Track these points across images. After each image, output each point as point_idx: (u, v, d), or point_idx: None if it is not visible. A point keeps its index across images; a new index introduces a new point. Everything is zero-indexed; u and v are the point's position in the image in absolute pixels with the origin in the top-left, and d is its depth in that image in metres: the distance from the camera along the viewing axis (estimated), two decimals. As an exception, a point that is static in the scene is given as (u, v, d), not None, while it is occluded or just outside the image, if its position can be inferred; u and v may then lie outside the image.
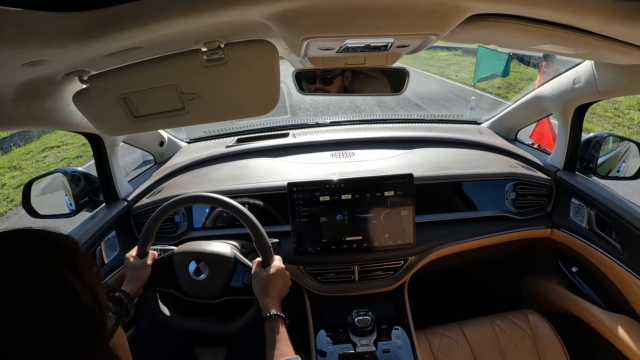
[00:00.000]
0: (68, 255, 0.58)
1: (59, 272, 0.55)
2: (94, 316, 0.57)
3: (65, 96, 1.23)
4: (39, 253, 0.56)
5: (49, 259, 0.56)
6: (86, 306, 0.56)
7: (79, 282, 0.56)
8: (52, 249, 0.58)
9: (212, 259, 1.41)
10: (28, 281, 0.52)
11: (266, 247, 1.36)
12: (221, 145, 2.26)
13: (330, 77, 1.59)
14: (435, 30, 0.85)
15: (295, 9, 0.74)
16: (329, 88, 1.62)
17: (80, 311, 0.55)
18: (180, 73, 1.01)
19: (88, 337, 0.55)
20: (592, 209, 1.68)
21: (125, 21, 0.67)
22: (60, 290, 0.54)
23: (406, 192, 1.67)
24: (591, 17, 0.76)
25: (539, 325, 1.75)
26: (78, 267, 0.58)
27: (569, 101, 1.72)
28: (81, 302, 0.55)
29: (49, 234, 0.60)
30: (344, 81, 1.61)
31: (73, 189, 1.77)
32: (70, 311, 0.54)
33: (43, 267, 0.54)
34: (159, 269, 1.44)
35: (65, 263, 0.57)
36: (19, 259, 0.54)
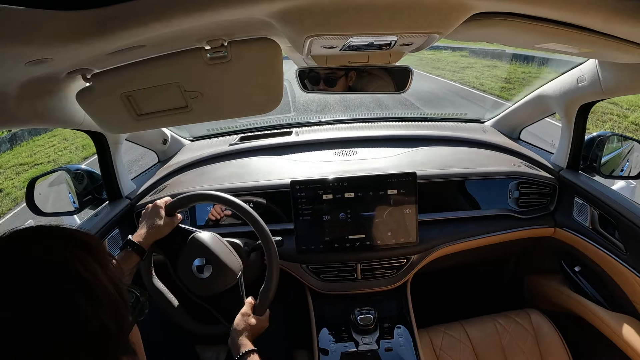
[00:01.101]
0: (94, 250, 0.60)
1: (88, 267, 0.57)
2: (119, 308, 0.59)
3: (68, 94, 1.24)
4: (68, 249, 0.58)
5: (78, 254, 0.58)
6: (113, 298, 0.58)
7: (105, 275, 0.59)
8: (80, 245, 0.59)
9: (219, 268, 1.39)
10: (59, 275, 0.54)
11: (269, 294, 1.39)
12: (224, 144, 2.26)
13: (333, 77, 1.59)
14: (438, 28, 0.85)
15: (298, 7, 0.74)
16: (334, 86, 1.62)
17: (108, 303, 0.57)
18: (183, 71, 1.01)
19: (114, 326, 0.57)
20: (596, 208, 1.68)
21: (128, 19, 0.67)
22: (90, 283, 0.56)
23: (409, 190, 1.67)
24: (594, 16, 0.76)
25: (541, 325, 1.74)
26: (103, 261, 0.60)
27: (572, 100, 1.72)
28: (109, 294, 0.58)
29: (75, 231, 0.62)
30: (347, 82, 1.61)
31: (76, 187, 1.77)
32: (100, 303, 0.56)
33: (73, 262, 0.56)
34: (173, 237, 1.44)
35: (92, 258, 0.59)
36: (49, 255, 0.55)
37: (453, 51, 22.33)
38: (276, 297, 1.41)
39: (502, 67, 16.42)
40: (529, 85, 10.35)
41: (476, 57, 19.93)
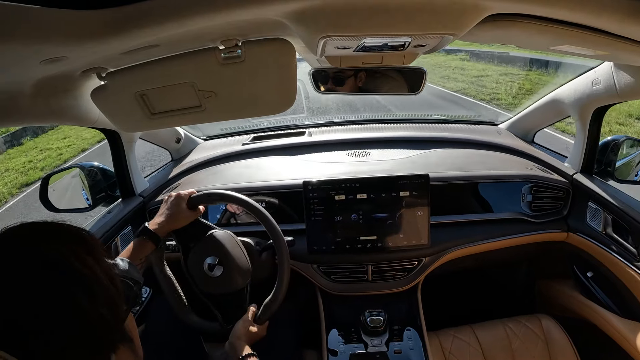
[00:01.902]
0: (88, 244, 0.62)
1: (82, 259, 0.58)
2: (114, 298, 0.61)
3: (83, 92, 1.25)
4: (64, 244, 0.59)
5: (73, 249, 0.59)
6: (107, 289, 0.60)
7: (99, 267, 0.60)
8: (75, 240, 0.61)
9: (230, 269, 1.40)
10: (56, 271, 0.55)
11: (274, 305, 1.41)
12: (237, 143, 2.27)
13: (347, 78, 1.59)
14: (452, 29, 0.85)
15: (312, 8, 0.74)
16: (347, 87, 1.62)
17: (103, 293, 0.59)
18: (197, 71, 1.02)
19: (111, 317, 0.59)
20: (609, 213, 1.66)
21: (143, 19, 0.68)
22: (85, 275, 0.57)
23: (422, 192, 1.67)
24: (610, 18, 0.76)
25: (552, 330, 1.73)
26: (97, 254, 0.62)
27: (587, 103, 1.70)
28: (103, 285, 0.59)
29: (68, 226, 0.63)
30: (360, 82, 1.61)
31: (90, 184, 1.79)
32: (95, 294, 0.57)
33: (69, 257, 0.57)
34: (191, 229, 1.44)
35: (86, 252, 0.60)
36: (45, 249, 0.57)
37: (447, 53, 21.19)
38: (287, 297, 1.41)
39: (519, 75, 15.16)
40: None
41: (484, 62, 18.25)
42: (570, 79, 1.80)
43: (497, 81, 14.25)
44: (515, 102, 11.24)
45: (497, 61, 17.37)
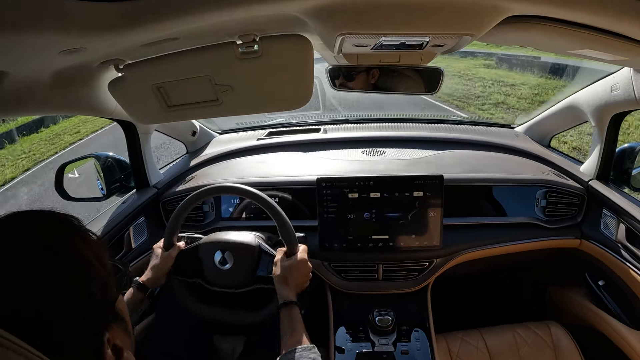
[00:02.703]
0: (77, 228, 0.65)
1: (73, 243, 0.61)
2: (104, 278, 0.63)
3: (101, 84, 1.27)
4: (54, 228, 0.62)
5: (63, 232, 0.62)
6: (97, 270, 0.62)
7: (89, 250, 0.62)
8: (63, 224, 0.64)
9: (237, 248, 1.42)
10: (47, 253, 0.57)
11: (291, 236, 1.37)
12: (253, 138, 2.28)
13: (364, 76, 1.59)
14: (471, 30, 0.85)
15: (331, 5, 0.74)
16: (364, 85, 1.63)
17: (93, 275, 0.61)
18: (214, 65, 1.03)
19: (102, 296, 0.61)
20: (624, 221, 1.64)
21: (162, 12, 0.69)
22: (75, 258, 0.60)
23: (435, 193, 1.66)
24: (632, 22, 0.75)
25: (561, 338, 1.71)
26: (86, 238, 0.64)
27: (605, 109, 1.68)
28: (93, 267, 0.61)
29: (57, 213, 0.66)
30: (378, 81, 1.61)
31: (105, 174, 1.81)
32: (86, 276, 0.60)
33: (59, 240, 0.60)
34: (186, 258, 1.46)
35: (76, 235, 0.63)
36: (37, 234, 0.59)
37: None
38: None
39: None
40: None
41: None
42: (589, 84, 1.78)
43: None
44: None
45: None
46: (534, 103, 11.64)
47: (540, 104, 11.07)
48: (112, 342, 0.63)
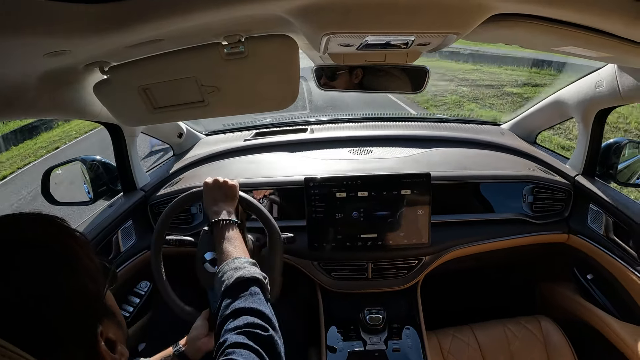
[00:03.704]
0: (66, 228, 0.67)
1: (64, 241, 0.63)
2: (93, 273, 0.65)
3: (86, 86, 1.25)
4: (45, 227, 0.64)
5: (53, 231, 0.64)
6: (88, 266, 0.64)
7: (78, 247, 0.65)
8: (54, 225, 0.65)
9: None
10: (42, 251, 0.60)
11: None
12: (239, 139, 2.27)
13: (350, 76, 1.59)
14: (456, 28, 0.85)
15: (316, 5, 0.74)
16: (350, 84, 1.62)
17: (84, 270, 0.63)
18: (200, 66, 1.02)
19: (94, 292, 0.64)
20: (610, 216, 1.66)
21: (147, 13, 0.68)
22: (68, 255, 0.62)
23: (423, 191, 1.67)
24: (616, 20, 0.75)
25: (551, 332, 1.73)
26: (73, 234, 0.66)
27: (590, 105, 1.70)
28: (84, 262, 0.64)
29: (44, 215, 0.67)
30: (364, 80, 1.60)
31: (92, 178, 1.79)
32: (78, 271, 0.62)
33: (52, 239, 0.62)
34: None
35: (65, 233, 0.65)
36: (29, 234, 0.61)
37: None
38: (289, 293, 1.41)
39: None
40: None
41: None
42: (574, 80, 1.79)
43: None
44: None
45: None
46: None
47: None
48: (105, 335, 0.64)
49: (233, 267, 0.96)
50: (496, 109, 10.75)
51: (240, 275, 0.92)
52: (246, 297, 0.87)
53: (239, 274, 0.92)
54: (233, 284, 0.90)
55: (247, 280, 0.91)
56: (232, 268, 0.95)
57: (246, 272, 0.93)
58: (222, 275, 0.95)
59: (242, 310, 0.84)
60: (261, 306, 0.86)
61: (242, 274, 0.92)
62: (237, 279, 0.91)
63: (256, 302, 0.86)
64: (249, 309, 0.84)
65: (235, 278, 0.91)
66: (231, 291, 0.89)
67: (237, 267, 0.95)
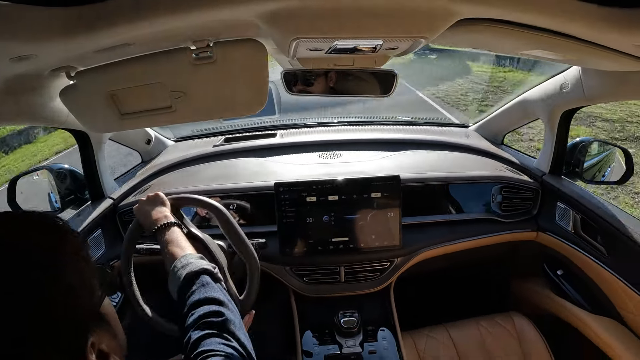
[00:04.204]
0: (53, 228, 0.63)
1: (53, 245, 0.59)
2: (87, 282, 0.62)
3: (52, 92, 1.22)
4: (30, 231, 0.59)
5: (43, 236, 0.60)
6: (80, 271, 0.61)
7: (70, 250, 0.61)
8: (44, 227, 0.62)
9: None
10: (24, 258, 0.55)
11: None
12: (209, 145, 2.25)
13: (319, 80, 1.59)
14: (424, 33, 0.86)
15: (286, 9, 0.74)
16: (319, 89, 1.62)
17: (75, 276, 0.59)
18: (168, 71, 1.01)
19: (86, 300, 0.60)
20: (578, 212, 1.69)
21: (115, 18, 0.67)
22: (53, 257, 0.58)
23: (393, 193, 1.68)
24: (581, 24, 0.77)
25: (524, 328, 1.76)
26: (65, 237, 0.62)
27: (555, 106, 1.73)
28: (75, 268, 0.60)
29: (32, 213, 0.64)
30: (333, 84, 1.60)
31: (59, 186, 1.75)
32: (66, 277, 0.58)
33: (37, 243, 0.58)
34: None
35: (52, 236, 0.61)
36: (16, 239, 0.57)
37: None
38: (265, 299, 1.40)
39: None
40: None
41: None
42: (540, 82, 1.83)
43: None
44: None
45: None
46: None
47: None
48: (97, 346, 0.61)
49: (180, 266, 0.98)
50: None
51: (189, 271, 0.94)
52: (198, 289, 0.89)
53: (187, 270, 0.95)
54: (183, 282, 0.93)
55: (196, 273, 0.94)
56: (180, 267, 0.97)
57: (193, 266, 0.96)
58: (173, 277, 0.97)
59: (196, 303, 0.86)
60: (213, 293, 0.88)
61: (190, 270, 0.94)
62: (186, 276, 0.93)
63: (207, 291, 0.89)
64: (203, 299, 0.86)
65: (184, 276, 0.93)
66: (183, 289, 0.92)
67: (184, 265, 0.98)
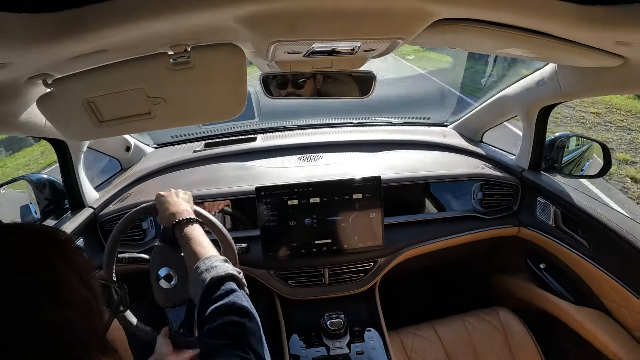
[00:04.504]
0: (59, 246, 0.58)
1: (52, 265, 0.55)
2: (89, 305, 0.57)
3: (29, 100, 1.20)
4: (31, 248, 0.56)
5: (41, 252, 0.56)
6: (81, 296, 0.56)
7: (72, 272, 0.56)
8: (43, 242, 0.58)
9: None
10: (22, 276, 0.52)
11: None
12: (189, 150, 2.23)
13: (298, 83, 1.58)
14: (401, 34, 0.86)
15: (264, 12, 0.74)
16: (298, 92, 1.62)
17: (75, 301, 0.55)
18: (146, 76, 0.99)
19: (85, 326, 0.55)
20: (558, 207, 1.72)
21: (91, 24, 0.66)
22: (54, 282, 0.54)
23: (374, 194, 1.69)
24: (556, 22, 0.78)
25: (510, 322, 1.78)
26: (69, 257, 0.58)
27: (533, 102, 1.76)
28: (75, 292, 0.55)
29: (39, 227, 0.61)
30: (312, 87, 1.60)
31: (38, 197, 1.72)
32: (66, 302, 0.53)
33: (35, 262, 0.54)
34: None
35: (56, 255, 0.56)
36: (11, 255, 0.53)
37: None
38: None
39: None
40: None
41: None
42: (517, 79, 1.86)
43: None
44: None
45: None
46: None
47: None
48: None
49: (205, 268, 0.94)
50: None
51: (214, 275, 0.90)
52: (222, 296, 0.86)
53: (212, 274, 0.91)
54: (208, 286, 0.89)
55: (221, 278, 0.90)
56: (204, 269, 0.94)
57: (219, 270, 0.92)
58: (196, 279, 0.94)
59: (219, 310, 0.83)
60: (237, 300, 0.85)
61: (215, 274, 0.91)
62: (211, 280, 0.90)
63: (232, 298, 0.85)
64: (226, 307, 0.83)
65: (209, 279, 0.90)
66: (207, 293, 0.88)
67: (209, 268, 0.94)
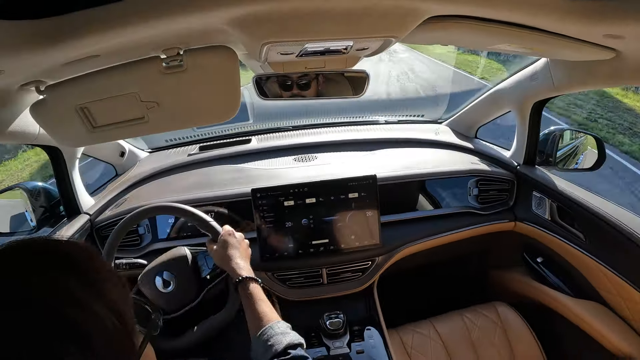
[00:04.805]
0: (82, 270, 0.51)
1: (73, 296, 0.47)
2: (120, 339, 0.50)
3: (22, 107, 1.20)
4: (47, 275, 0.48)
5: (59, 280, 0.48)
6: (109, 329, 0.49)
7: (98, 301, 0.49)
8: (63, 266, 0.50)
9: (172, 265, 1.38)
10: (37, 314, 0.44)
11: (208, 224, 1.38)
12: (183, 154, 2.23)
13: (291, 84, 1.58)
14: (393, 32, 0.86)
15: (255, 14, 0.74)
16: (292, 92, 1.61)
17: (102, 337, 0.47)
18: (139, 81, 0.99)
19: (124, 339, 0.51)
20: (554, 200, 1.73)
21: (82, 29, 0.66)
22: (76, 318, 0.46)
23: (370, 193, 1.69)
24: (547, 17, 0.78)
25: (508, 316, 1.78)
26: (95, 282, 0.51)
27: (526, 97, 1.76)
28: (102, 326, 0.48)
29: (59, 245, 0.52)
30: (309, 85, 1.60)
31: (34, 205, 1.71)
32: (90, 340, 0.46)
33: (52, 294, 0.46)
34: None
35: (79, 281, 0.49)
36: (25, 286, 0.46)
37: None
38: None
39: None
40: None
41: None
42: (510, 74, 1.87)
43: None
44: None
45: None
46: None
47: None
48: None
49: (279, 332, 1.00)
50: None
51: (290, 342, 0.97)
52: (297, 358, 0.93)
53: (288, 340, 0.97)
54: (284, 350, 0.95)
55: (295, 346, 0.97)
56: (278, 333, 1.00)
57: (293, 338, 0.99)
58: (268, 339, 0.99)
59: None
60: None
61: (290, 341, 0.97)
62: (287, 345, 0.95)
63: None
64: None
65: (285, 345, 0.96)
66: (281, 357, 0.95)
67: (283, 332, 1.00)
